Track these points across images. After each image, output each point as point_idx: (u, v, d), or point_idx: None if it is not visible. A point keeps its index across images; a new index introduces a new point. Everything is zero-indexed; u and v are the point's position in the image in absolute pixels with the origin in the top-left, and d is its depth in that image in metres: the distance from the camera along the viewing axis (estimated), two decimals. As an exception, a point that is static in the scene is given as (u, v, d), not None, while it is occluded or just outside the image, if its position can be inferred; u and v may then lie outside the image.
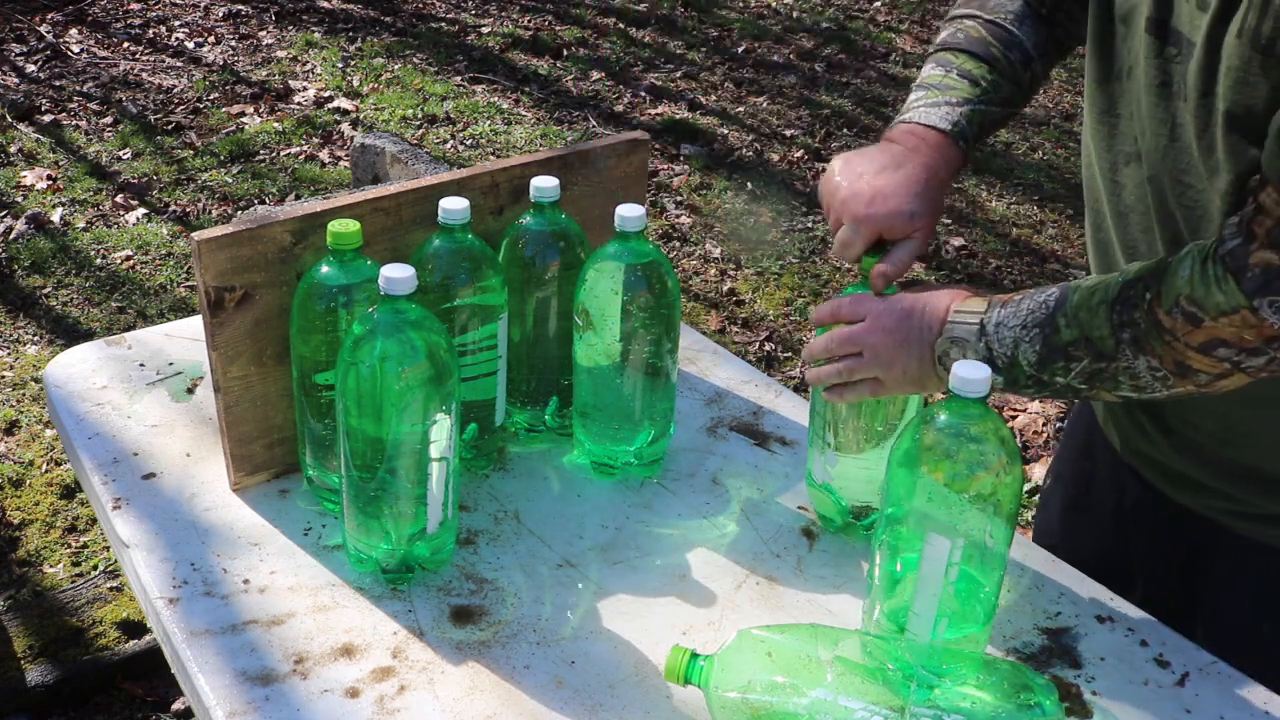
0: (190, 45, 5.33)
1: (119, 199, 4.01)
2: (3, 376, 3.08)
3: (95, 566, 2.46)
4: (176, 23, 5.56)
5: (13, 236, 3.71)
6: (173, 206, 4.00)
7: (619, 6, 6.14)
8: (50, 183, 4.07)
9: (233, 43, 5.39)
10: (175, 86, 4.88)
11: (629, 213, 1.23)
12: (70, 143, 4.38)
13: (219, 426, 1.26)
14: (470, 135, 4.60)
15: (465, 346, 1.26)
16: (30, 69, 4.95)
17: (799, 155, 4.63)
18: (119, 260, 3.64)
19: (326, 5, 5.90)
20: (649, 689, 1.07)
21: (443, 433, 1.11)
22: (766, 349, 3.40)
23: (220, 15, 5.66)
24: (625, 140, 1.43)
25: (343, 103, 4.79)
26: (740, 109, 5.03)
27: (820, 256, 3.87)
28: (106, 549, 2.51)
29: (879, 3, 6.42)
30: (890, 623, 1.06)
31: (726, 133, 4.78)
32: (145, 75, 4.98)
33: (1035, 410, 3.18)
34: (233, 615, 1.13)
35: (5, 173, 4.12)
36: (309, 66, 5.17)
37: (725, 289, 3.69)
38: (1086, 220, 1.24)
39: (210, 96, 4.80)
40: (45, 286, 3.49)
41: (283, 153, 4.38)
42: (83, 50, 5.17)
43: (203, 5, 5.76)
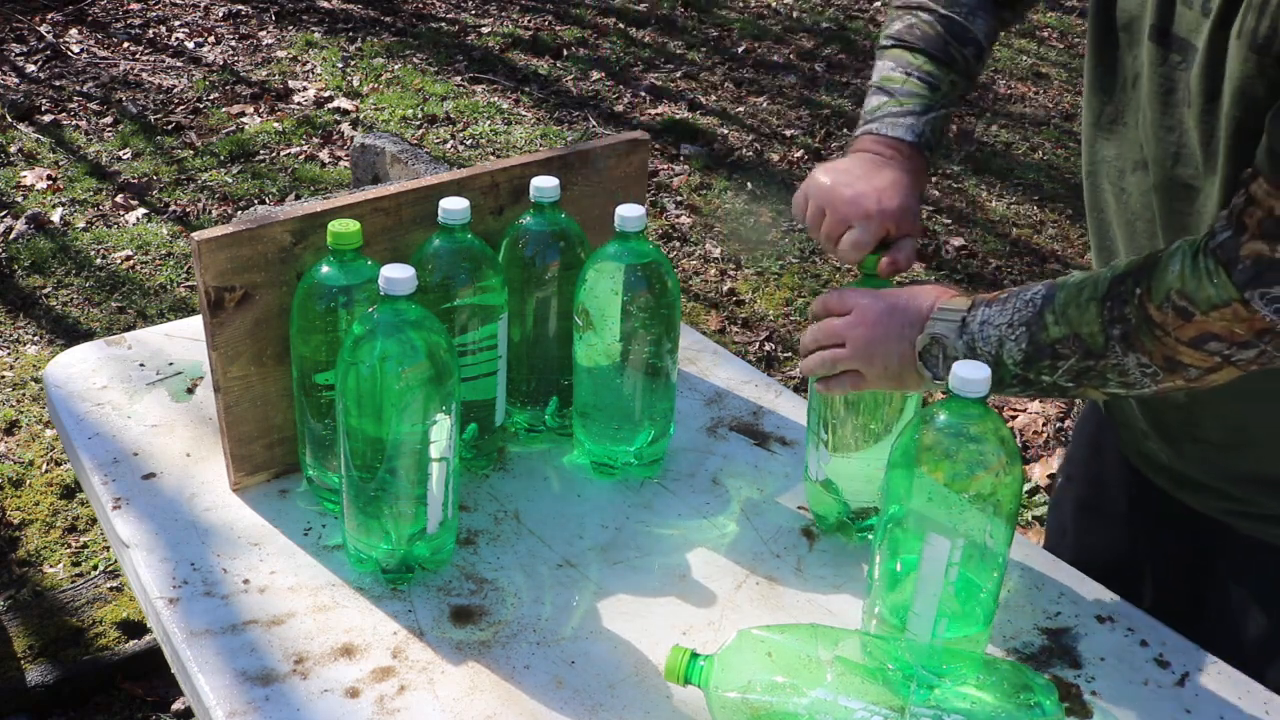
0: (190, 45, 5.33)
1: (119, 199, 4.01)
2: (3, 376, 3.08)
3: (95, 566, 2.46)
4: (176, 23, 5.56)
5: (13, 236, 3.71)
6: (173, 206, 4.00)
7: (619, 6, 6.14)
8: (50, 183, 4.07)
9: (233, 43, 5.39)
10: (175, 86, 4.88)
11: (629, 213, 1.23)
12: (70, 143, 4.38)
13: (219, 426, 1.27)
14: (470, 135, 4.60)
15: (465, 346, 1.26)
16: (30, 69, 4.95)
17: (799, 155, 4.63)
18: (119, 260, 3.64)
19: (326, 5, 5.90)
20: (649, 689, 1.07)
21: (443, 433, 1.11)
22: (766, 349, 3.40)
23: (220, 15, 5.66)
24: (625, 140, 1.43)
25: (343, 103, 4.79)
26: (740, 109, 5.03)
27: (820, 256, 3.87)
28: (106, 549, 2.51)
29: (879, 3, 6.42)
30: (890, 622, 1.05)
31: (726, 133, 4.78)
32: (145, 75, 4.98)
33: (1035, 410, 3.18)
34: (233, 615, 1.13)
35: (5, 173, 4.12)
36: (309, 66, 5.17)
37: (725, 289, 3.69)
38: (1090, 228, 1.23)
39: (210, 96, 4.80)
40: (45, 286, 3.49)
41: (283, 153, 4.38)
42: (83, 50, 5.17)
43: (203, 5, 5.76)
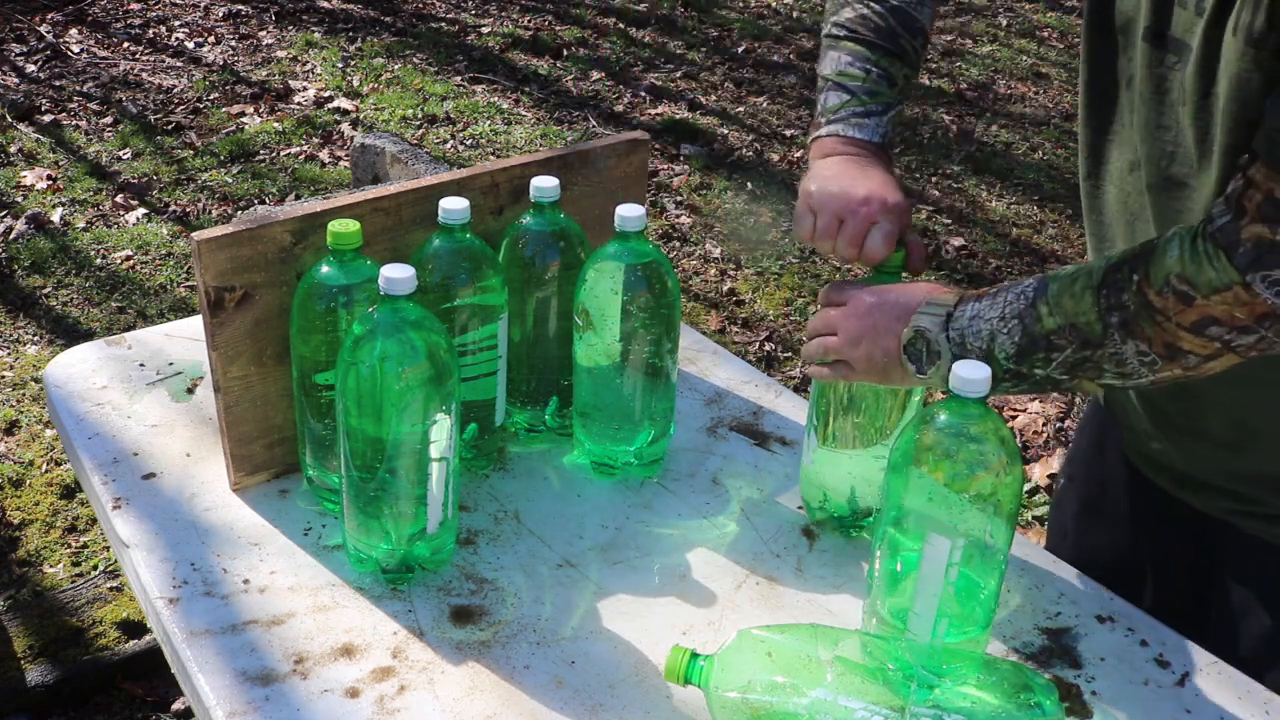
0: (190, 45, 5.33)
1: (119, 199, 4.01)
2: (3, 376, 3.08)
3: (95, 566, 2.46)
4: (176, 23, 5.56)
5: (13, 236, 3.71)
6: (173, 206, 3.99)
7: (619, 6, 6.14)
8: (50, 183, 4.07)
9: (233, 43, 5.39)
10: (175, 86, 4.88)
11: (629, 213, 1.23)
12: (70, 143, 4.38)
13: (219, 426, 1.26)
14: (470, 135, 4.60)
15: (465, 346, 1.26)
16: (30, 69, 4.95)
17: (799, 155, 4.63)
18: (119, 260, 3.64)
19: (326, 5, 5.90)
20: (649, 689, 1.07)
21: (443, 433, 1.11)
22: (766, 349, 3.40)
23: (220, 15, 5.66)
24: (625, 140, 1.43)
25: (343, 103, 4.79)
26: (740, 109, 5.03)
27: (820, 256, 3.87)
28: (106, 549, 2.51)
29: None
30: (890, 622, 1.05)
31: (726, 133, 4.78)
32: (145, 75, 4.98)
33: (1035, 410, 3.18)
34: (233, 615, 1.13)
35: (5, 173, 4.12)
36: (309, 66, 5.17)
37: (725, 289, 3.69)
38: (1088, 229, 1.24)
39: (210, 96, 4.80)
40: (45, 286, 3.49)
41: (283, 153, 4.38)
42: (83, 50, 5.17)
43: (203, 5, 5.76)
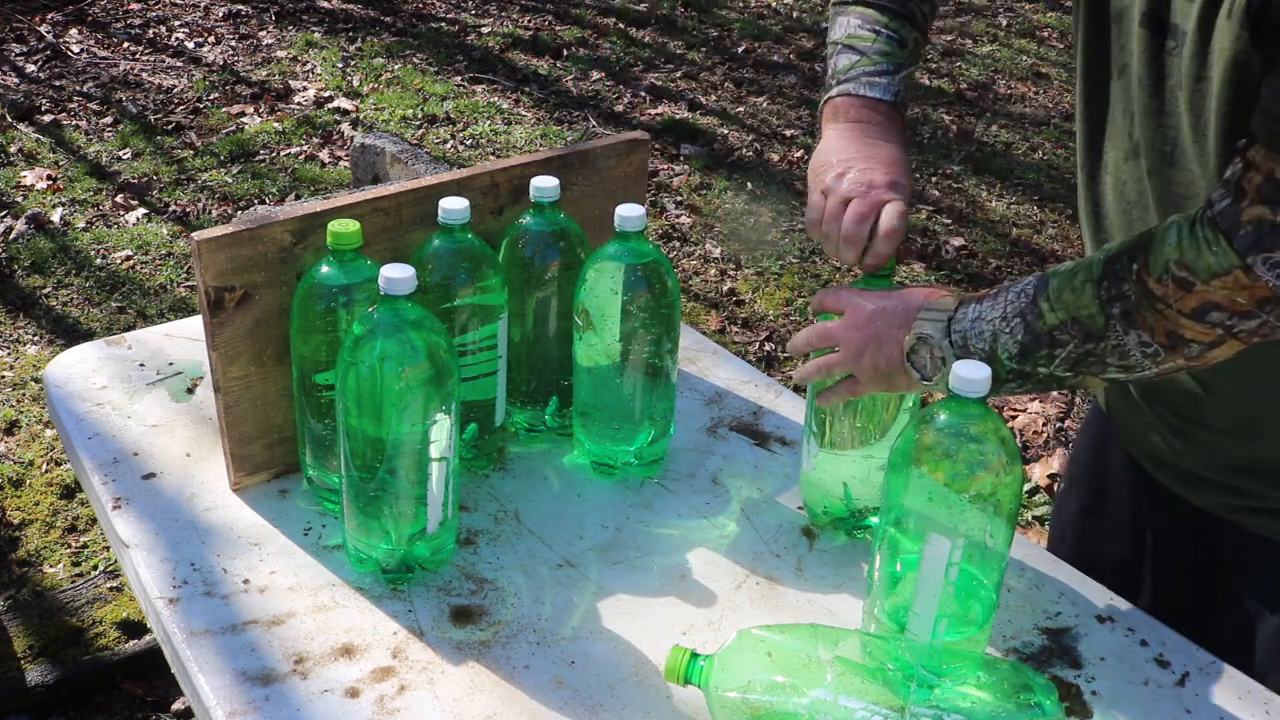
0: (190, 45, 5.33)
1: (119, 199, 4.01)
2: (3, 376, 3.08)
3: (95, 566, 2.46)
4: (176, 23, 5.56)
5: (13, 236, 3.71)
6: (173, 206, 3.99)
7: (619, 6, 6.14)
8: (50, 183, 4.07)
9: (233, 43, 5.39)
10: (175, 86, 4.88)
11: (629, 213, 1.23)
12: (70, 143, 4.38)
13: (219, 426, 1.26)
14: (470, 135, 4.60)
15: (465, 346, 1.26)
16: (30, 69, 4.95)
17: (799, 155, 4.63)
18: (119, 260, 3.64)
19: (326, 5, 5.90)
20: (649, 689, 1.07)
21: (443, 433, 1.11)
22: (766, 349, 3.40)
23: (220, 15, 5.66)
24: (625, 140, 1.43)
25: (343, 103, 4.79)
26: (740, 109, 5.03)
27: (820, 256, 3.87)
28: (106, 549, 2.51)
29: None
30: (890, 622, 1.05)
31: (726, 133, 4.78)
32: (145, 75, 4.98)
33: (1035, 410, 3.18)
34: (233, 615, 1.13)
35: (5, 173, 4.12)
36: (309, 66, 5.17)
37: (725, 289, 3.69)
38: (1084, 221, 1.23)
39: (210, 96, 4.80)
40: (45, 286, 3.49)
41: (283, 153, 4.38)
42: (83, 50, 5.17)
43: (203, 5, 5.76)
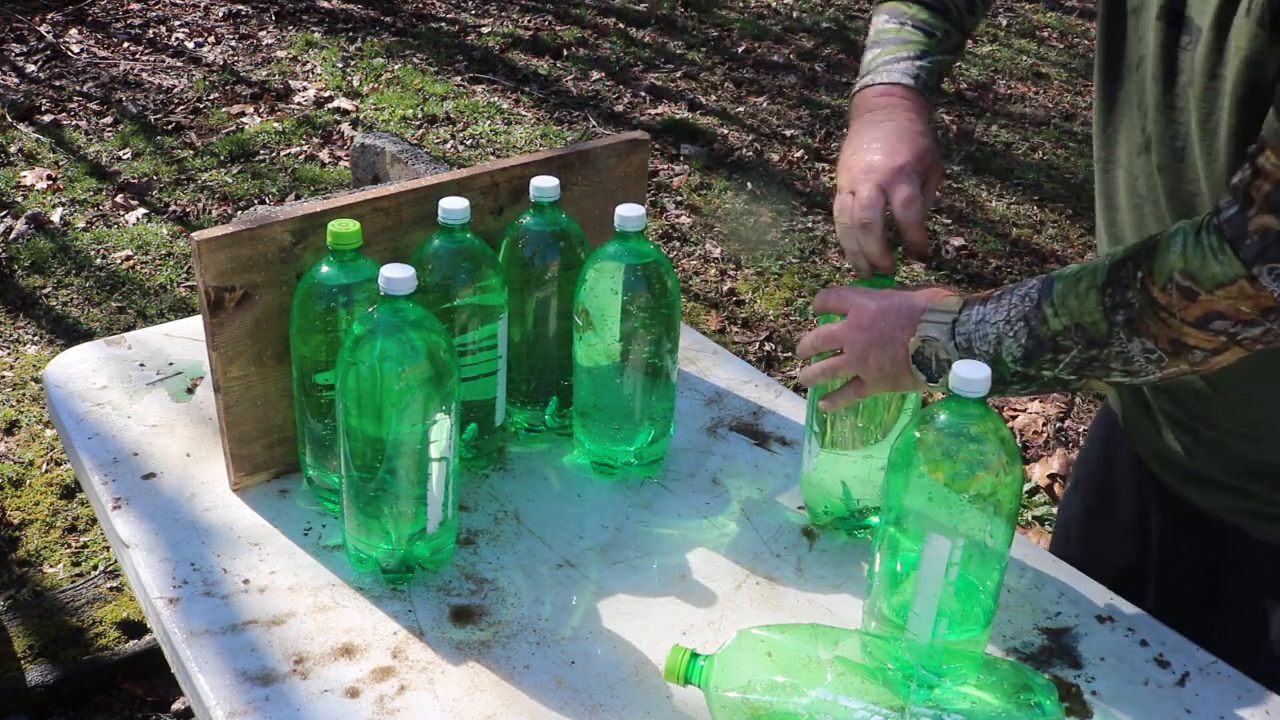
0: (190, 45, 5.33)
1: (119, 199, 4.01)
2: (3, 376, 3.08)
3: (95, 566, 2.46)
4: (176, 23, 5.56)
5: (13, 236, 3.71)
6: (173, 206, 3.99)
7: (619, 6, 6.14)
8: (50, 183, 4.07)
9: (233, 43, 5.39)
10: (175, 86, 4.88)
11: (629, 213, 1.23)
12: (70, 143, 4.38)
13: (219, 426, 1.26)
14: (470, 135, 4.60)
15: (465, 346, 1.26)
16: (30, 69, 4.95)
17: (799, 155, 4.63)
18: (119, 260, 3.64)
19: (326, 5, 5.90)
20: (649, 689, 1.07)
21: (443, 433, 1.11)
22: (766, 349, 3.40)
23: (220, 15, 5.66)
24: (625, 140, 1.43)
25: (343, 103, 4.79)
26: (740, 109, 5.03)
27: (820, 256, 3.87)
28: (106, 549, 2.51)
29: (879, 3, 6.41)
30: (890, 622, 1.05)
31: (726, 133, 4.78)
32: (145, 75, 4.98)
33: (1035, 410, 3.18)
34: (233, 615, 1.13)
35: (5, 173, 4.12)
36: (309, 66, 5.17)
37: (725, 289, 3.69)
38: (1099, 214, 1.23)
39: (210, 96, 4.80)
40: (45, 286, 3.49)
41: (283, 153, 4.38)
42: (83, 50, 5.17)
43: (203, 5, 5.76)
